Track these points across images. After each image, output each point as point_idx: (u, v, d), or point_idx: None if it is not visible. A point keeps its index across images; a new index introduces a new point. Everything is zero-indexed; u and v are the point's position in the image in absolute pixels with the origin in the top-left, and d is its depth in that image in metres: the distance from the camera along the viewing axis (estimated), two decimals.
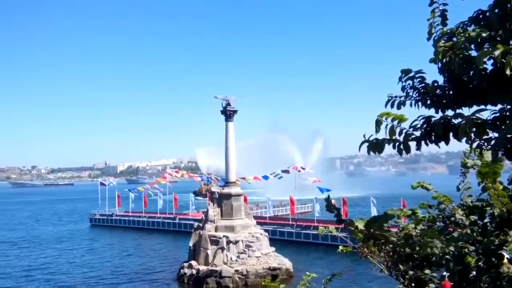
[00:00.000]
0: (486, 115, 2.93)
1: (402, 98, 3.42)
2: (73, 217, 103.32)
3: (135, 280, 43.62)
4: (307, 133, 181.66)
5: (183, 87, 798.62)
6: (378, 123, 3.16)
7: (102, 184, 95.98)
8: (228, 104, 46.76)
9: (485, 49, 2.74)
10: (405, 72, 3.41)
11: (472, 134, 2.89)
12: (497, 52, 2.67)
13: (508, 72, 2.61)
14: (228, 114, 46.87)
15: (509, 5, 2.97)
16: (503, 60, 2.68)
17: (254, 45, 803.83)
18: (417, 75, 3.38)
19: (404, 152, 3.20)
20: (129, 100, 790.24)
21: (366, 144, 3.26)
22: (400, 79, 3.44)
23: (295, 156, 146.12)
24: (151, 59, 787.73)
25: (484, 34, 2.99)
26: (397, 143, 3.19)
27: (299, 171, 72.60)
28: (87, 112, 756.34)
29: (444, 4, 3.38)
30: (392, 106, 3.38)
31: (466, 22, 3.31)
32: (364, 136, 3.26)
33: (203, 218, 46.89)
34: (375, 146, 3.23)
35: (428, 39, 3.38)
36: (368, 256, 4.15)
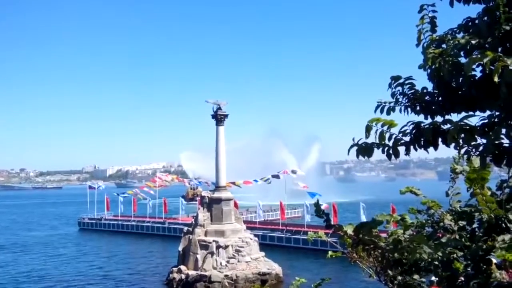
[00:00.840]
0: (474, 121, 2.96)
1: (392, 104, 3.45)
2: (61, 221, 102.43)
3: (124, 285, 43.28)
4: (303, 138, 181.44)
5: (175, 90, 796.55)
6: (368, 129, 3.18)
7: (91, 187, 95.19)
8: (219, 108, 46.73)
9: (474, 56, 2.77)
10: (395, 78, 3.44)
11: (461, 140, 2.92)
12: (486, 59, 2.70)
13: (496, 79, 2.64)
14: (219, 118, 46.83)
15: (497, 13, 3.00)
16: (491, 67, 2.70)
17: (251, 48, 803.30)
18: (406, 82, 3.41)
19: (393, 156, 3.22)
20: (120, 103, 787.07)
21: (355, 148, 3.28)
22: (390, 85, 3.47)
23: (289, 161, 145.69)
24: (142, 61, 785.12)
25: (473, 41, 3.02)
26: (386, 148, 3.21)
27: (288, 174, 72.61)
28: (76, 115, 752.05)
29: (433, 11, 3.42)
30: (381, 111, 3.40)
31: (455, 29, 3.35)
32: (353, 140, 3.27)
33: (193, 222, 46.74)
34: (364, 150, 3.24)
35: (417, 45, 3.41)
36: (357, 261, 4.16)
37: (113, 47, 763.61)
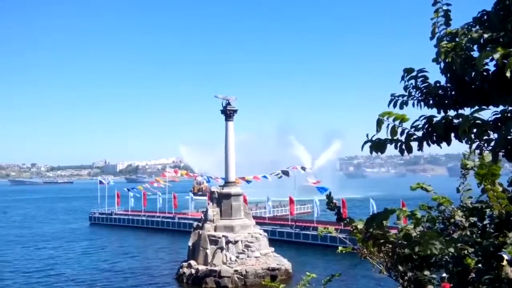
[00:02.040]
0: (487, 116, 2.93)
1: (405, 98, 3.43)
2: (72, 216, 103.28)
3: (134, 280, 43.57)
4: (321, 134, 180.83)
5: (185, 86, 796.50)
6: (379, 123, 3.16)
7: (101, 182, 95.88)
8: (228, 103, 46.80)
9: (486, 52, 2.74)
10: (408, 71, 3.41)
11: (472, 135, 2.89)
12: (497, 55, 2.67)
13: (508, 74, 2.61)
14: (228, 113, 46.91)
15: None
16: (504, 61, 2.68)
17: (263, 43, 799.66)
18: (419, 74, 3.39)
19: (405, 152, 3.21)
20: (130, 98, 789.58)
21: (368, 144, 3.27)
22: (402, 77, 3.44)
23: (303, 157, 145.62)
24: (152, 57, 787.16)
25: (486, 35, 2.99)
26: (399, 143, 3.19)
27: (298, 170, 72.56)
28: (87, 110, 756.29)
29: (448, 4, 3.39)
30: (394, 106, 3.39)
31: (470, 23, 3.31)
32: (367, 136, 3.26)
33: (202, 217, 46.91)
34: (377, 146, 3.23)
35: (431, 38, 3.39)
36: (368, 257, 4.15)
37: (122, 42, 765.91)
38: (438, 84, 3.33)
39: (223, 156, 48.29)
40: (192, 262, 43.00)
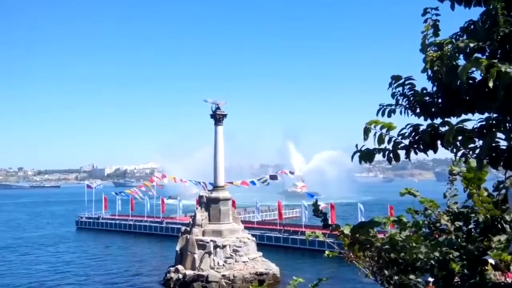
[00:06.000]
0: (472, 123, 2.98)
1: (393, 107, 3.48)
2: (59, 220, 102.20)
3: (121, 284, 43.27)
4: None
5: (175, 89, 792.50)
6: (366, 131, 3.21)
7: (88, 186, 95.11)
8: (218, 108, 46.78)
9: (469, 63, 2.79)
10: (395, 78, 3.46)
11: (458, 143, 2.94)
12: (479, 67, 2.72)
13: (491, 84, 2.67)
14: (217, 118, 46.88)
15: (497, 17, 3.03)
16: (487, 74, 2.73)
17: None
18: (406, 82, 3.44)
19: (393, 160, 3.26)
20: (118, 102, 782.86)
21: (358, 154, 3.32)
22: (390, 84, 3.49)
23: (294, 162, 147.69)
24: (140, 61, 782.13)
25: (472, 44, 3.05)
26: (387, 152, 3.25)
27: (286, 174, 72.67)
28: (74, 114, 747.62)
29: (437, 15, 3.44)
30: (383, 114, 3.44)
31: (459, 33, 3.37)
32: (356, 146, 3.31)
33: (191, 222, 46.77)
34: (366, 156, 3.28)
35: (421, 50, 3.44)
36: (354, 261, 4.19)
37: (110, 46, 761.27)
38: (425, 91, 3.38)
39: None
40: (180, 267, 42.81)
